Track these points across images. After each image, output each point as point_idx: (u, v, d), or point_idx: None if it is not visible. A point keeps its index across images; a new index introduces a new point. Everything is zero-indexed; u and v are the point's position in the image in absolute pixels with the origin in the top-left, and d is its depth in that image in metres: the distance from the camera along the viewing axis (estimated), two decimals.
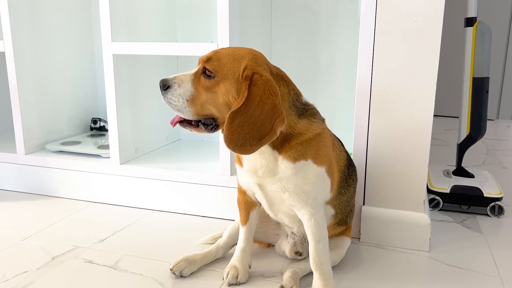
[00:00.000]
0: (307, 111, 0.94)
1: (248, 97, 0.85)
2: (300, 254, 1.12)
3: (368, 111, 1.21)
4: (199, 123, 0.93)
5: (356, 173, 1.15)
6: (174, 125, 0.95)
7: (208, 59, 0.90)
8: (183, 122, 0.94)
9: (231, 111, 0.86)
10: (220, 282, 1.06)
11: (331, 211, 1.06)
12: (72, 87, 1.86)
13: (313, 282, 1.00)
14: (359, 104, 1.22)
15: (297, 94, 0.94)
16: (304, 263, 1.08)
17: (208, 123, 0.93)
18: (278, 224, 1.18)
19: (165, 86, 0.91)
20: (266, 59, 0.93)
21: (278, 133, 0.86)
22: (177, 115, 0.94)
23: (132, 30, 1.54)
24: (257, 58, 0.90)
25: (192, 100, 0.91)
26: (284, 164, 0.92)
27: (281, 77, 0.92)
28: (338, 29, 1.68)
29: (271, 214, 1.08)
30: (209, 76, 0.89)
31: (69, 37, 1.82)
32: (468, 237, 1.31)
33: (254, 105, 0.85)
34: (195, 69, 0.93)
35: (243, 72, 0.87)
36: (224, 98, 0.89)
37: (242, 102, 0.85)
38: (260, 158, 0.94)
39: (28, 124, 1.66)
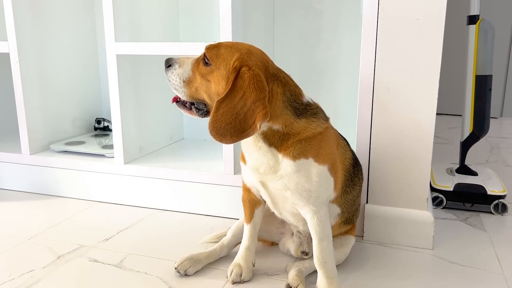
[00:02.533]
0: (307, 111, 0.95)
1: (233, 88, 0.87)
2: (307, 254, 1.13)
3: (371, 110, 1.21)
4: (192, 106, 0.98)
5: (362, 172, 1.15)
6: (173, 101, 1.00)
7: (211, 47, 0.94)
8: (179, 102, 0.99)
9: (217, 100, 0.89)
10: (224, 281, 1.07)
11: (337, 210, 1.07)
12: (76, 88, 1.87)
13: (317, 280, 1.00)
14: (362, 102, 1.22)
15: (295, 95, 0.94)
16: (309, 261, 1.09)
17: (200, 108, 0.97)
18: (282, 223, 1.19)
19: (168, 64, 0.97)
20: (265, 58, 0.93)
21: (259, 127, 0.87)
22: (176, 94, 0.99)
23: (135, 30, 1.55)
24: (252, 54, 0.91)
25: (188, 82, 0.95)
26: (284, 162, 0.93)
27: (276, 77, 0.92)
28: (341, 28, 1.68)
29: (276, 213, 1.08)
30: (206, 63, 0.93)
31: (73, 38, 1.83)
32: (471, 235, 1.31)
33: (238, 97, 0.87)
34: (200, 55, 0.97)
35: (233, 64, 0.89)
36: (215, 87, 0.92)
37: (227, 92, 0.87)
38: (259, 155, 0.95)
39: (33, 124, 1.67)
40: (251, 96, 0.86)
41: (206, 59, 0.93)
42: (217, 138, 0.89)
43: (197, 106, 0.97)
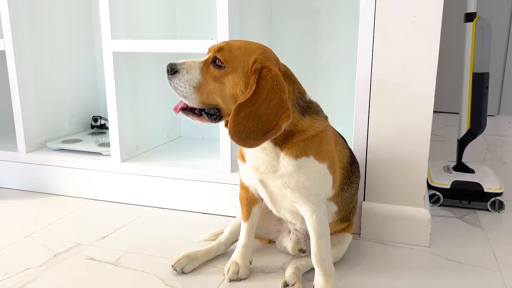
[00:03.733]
0: (310, 109, 0.95)
1: (256, 90, 0.85)
2: (304, 251, 1.13)
3: (368, 107, 1.21)
4: (203, 112, 0.92)
5: (359, 170, 1.15)
6: (178, 111, 0.94)
7: (220, 49, 0.89)
8: (186, 109, 0.93)
9: (237, 103, 0.85)
10: (221, 278, 1.06)
11: (334, 207, 1.07)
12: (73, 85, 1.86)
13: (314, 278, 1.00)
14: (359, 100, 1.22)
15: (301, 93, 0.94)
16: (306, 259, 1.09)
17: (212, 113, 0.92)
18: (279, 221, 1.19)
19: (173, 70, 0.90)
20: (275, 55, 0.93)
21: (283, 128, 0.86)
22: (181, 102, 0.93)
23: (132, 28, 1.55)
24: (267, 53, 0.90)
25: (199, 88, 0.90)
26: (286, 161, 0.93)
27: (287, 75, 0.93)
28: (338, 25, 1.68)
29: (274, 211, 1.08)
30: (219, 66, 0.89)
31: (69, 35, 1.82)
32: (468, 232, 1.31)
33: (261, 99, 0.85)
34: (205, 57, 0.92)
35: (252, 65, 0.87)
36: (231, 90, 0.89)
37: (249, 95, 0.85)
38: (262, 154, 0.94)
39: (29, 122, 1.66)
40: (275, 97, 0.85)
41: (218, 62, 0.89)
42: (240, 142, 0.85)
43: (208, 112, 0.92)
